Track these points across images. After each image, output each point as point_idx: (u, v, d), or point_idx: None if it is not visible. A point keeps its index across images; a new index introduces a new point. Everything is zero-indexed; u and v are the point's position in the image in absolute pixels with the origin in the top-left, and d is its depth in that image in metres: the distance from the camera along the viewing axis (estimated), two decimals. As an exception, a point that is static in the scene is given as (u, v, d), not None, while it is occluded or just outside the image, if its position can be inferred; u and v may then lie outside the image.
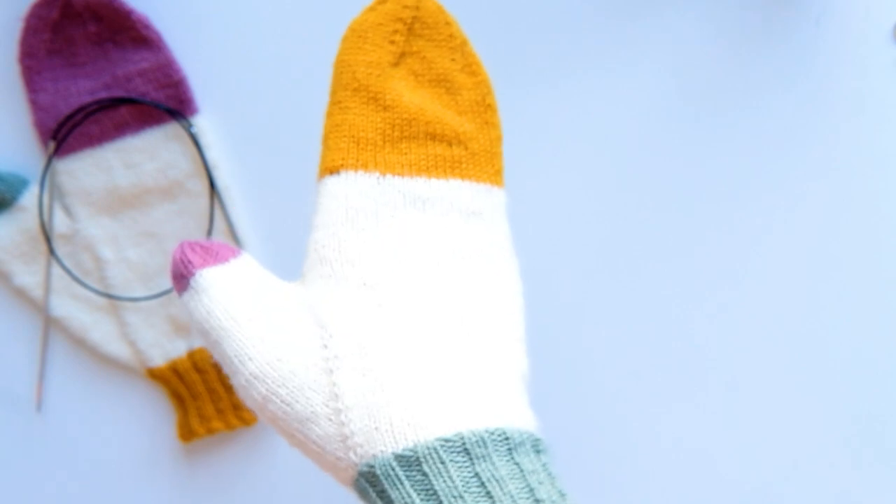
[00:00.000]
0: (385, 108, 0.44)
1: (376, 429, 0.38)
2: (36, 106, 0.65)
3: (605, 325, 0.65)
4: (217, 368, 0.67)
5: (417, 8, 0.45)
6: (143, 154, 0.66)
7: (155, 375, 0.67)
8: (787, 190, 0.63)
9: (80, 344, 0.67)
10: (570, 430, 0.59)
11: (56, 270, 0.67)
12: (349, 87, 0.44)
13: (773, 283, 0.64)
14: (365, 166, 0.43)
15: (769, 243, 0.64)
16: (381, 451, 0.38)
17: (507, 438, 0.38)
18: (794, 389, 0.64)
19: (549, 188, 0.63)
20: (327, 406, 0.39)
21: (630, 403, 0.64)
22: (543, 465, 0.38)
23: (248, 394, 0.41)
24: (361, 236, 0.42)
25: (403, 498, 0.37)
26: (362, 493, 0.39)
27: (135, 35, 0.64)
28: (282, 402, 0.40)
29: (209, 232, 0.66)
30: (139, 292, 0.67)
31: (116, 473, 0.68)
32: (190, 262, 0.43)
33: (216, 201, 0.66)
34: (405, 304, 0.41)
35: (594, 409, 0.64)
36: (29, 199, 0.66)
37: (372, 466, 0.38)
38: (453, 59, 0.45)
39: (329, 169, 0.44)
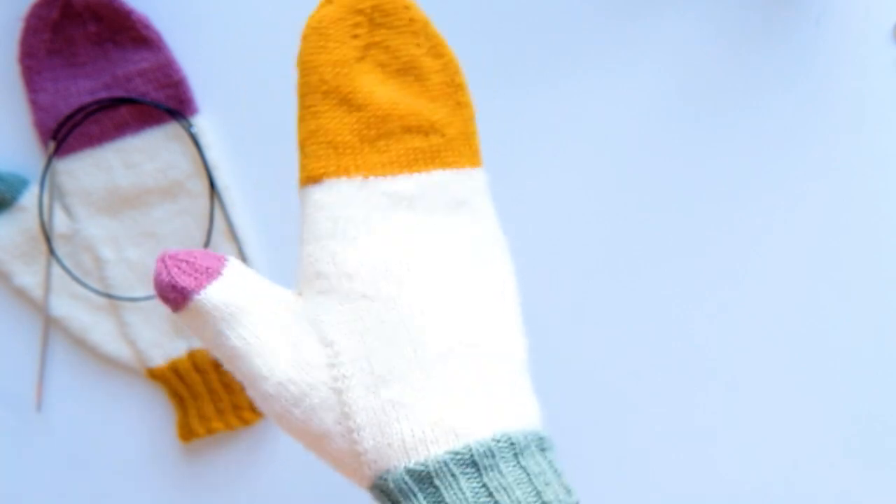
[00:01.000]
0: (358, 108, 0.43)
1: (388, 445, 0.40)
2: (36, 106, 0.65)
3: (604, 324, 0.65)
4: (217, 369, 0.67)
5: None
6: (143, 154, 0.66)
7: (155, 375, 0.67)
8: (786, 190, 0.63)
9: (80, 344, 0.67)
10: (568, 429, 0.59)
11: (56, 270, 0.67)
12: (318, 90, 0.44)
13: (773, 283, 0.64)
14: (346, 172, 0.43)
15: (769, 243, 0.64)
16: (394, 467, 0.39)
17: (512, 444, 0.39)
18: (795, 389, 0.64)
19: (548, 188, 0.63)
20: (340, 424, 0.41)
21: (629, 403, 0.65)
22: (549, 462, 0.40)
23: (265, 408, 0.42)
24: (353, 246, 0.42)
25: None
26: (378, 499, 0.41)
27: (135, 35, 0.64)
28: (296, 419, 0.41)
29: (209, 232, 0.66)
30: (139, 292, 0.67)
31: (116, 473, 0.68)
32: (182, 287, 0.42)
33: (216, 201, 0.66)
34: (407, 314, 0.41)
35: (593, 409, 0.65)
36: (29, 199, 0.66)
37: (385, 480, 0.40)
38: (417, 45, 0.45)
39: (311, 179, 0.43)
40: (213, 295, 0.42)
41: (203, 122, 0.66)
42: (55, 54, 0.65)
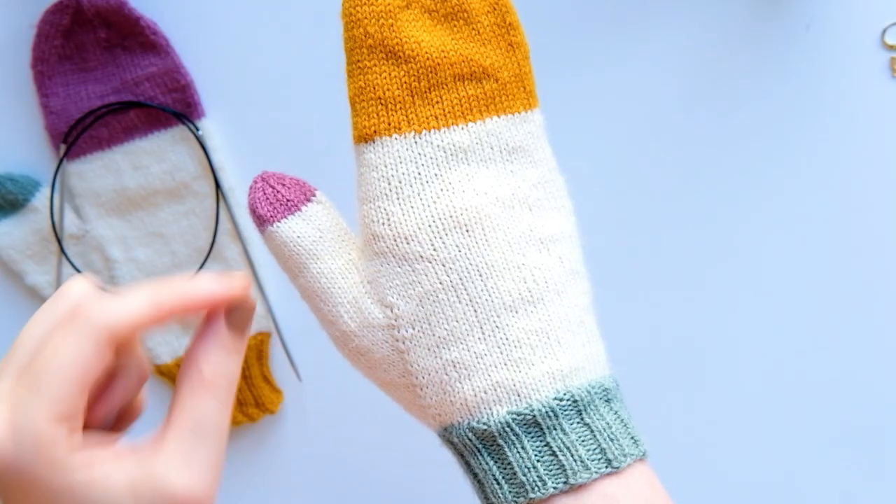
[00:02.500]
0: (406, 60, 0.41)
1: (451, 403, 0.40)
2: (47, 110, 0.66)
3: (603, 324, 0.65)
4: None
5: None
6: (151, 156, 0.66)
7: (162, 372, 0.68)
8: (776, 193, 0.63)
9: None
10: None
11: (66, 270, 0.67)
12: (364, 44, 0.41)
13: (769, 283, 0.64)
14: (398, 128, 0.41)
15: (762, 245, 0.64)
16: (458, 423, 0.39)
17: (575, 402, 0.39)
18: (796, 388, 0.64)
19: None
20: (403, 378, 0.41)
21: (630, 402, 0.64)
22: (616, 413, 0.40)
23: (337, 347, 0.42)
24: (408, 206, 0.41)
25: (481, 465, 0.39)
26: (445, 445, 0.41)
27: (143, 40, 0.65)
28: (363, 366, 0.42)
29: (214, 233, 0.67)
30: (147, 291, 0.68)
31: (125, 467, 0.69)
32: (261, 216, 0.42)
33: (222, 203, 0.67)
34: (466, 272, 0.40)
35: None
36: (40, 200, 0.67)
37: (450, 432, 0.40)
38: None
39: (363, 137, 0.42)
40: (284, 230, 0.42)
41: (209, 125, 0.66)
42: (66, 60, 0.66)
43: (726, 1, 0.62)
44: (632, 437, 0.39)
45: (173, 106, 0.66)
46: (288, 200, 0.43)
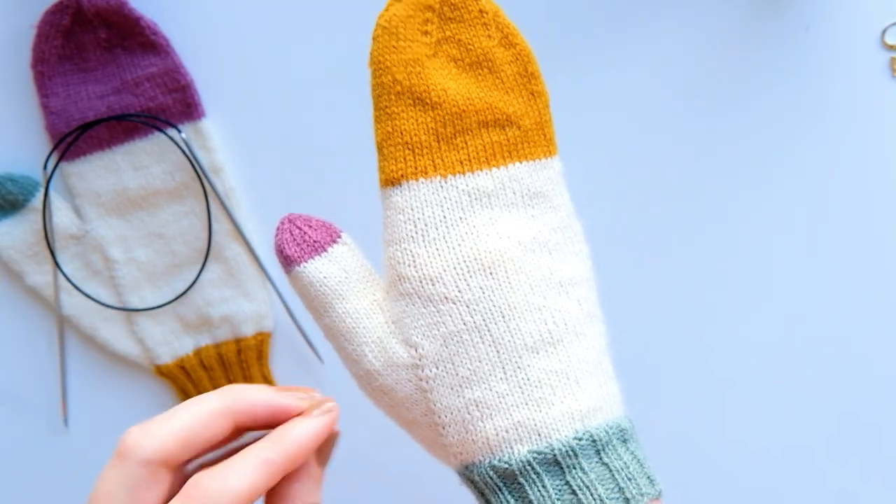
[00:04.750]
0: (433, 107, 0.43)
1: (473, 441, 0.41)
2: (48, 110, 0.66)
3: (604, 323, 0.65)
4: (224, 366, 0.68)
5: None
6: (151, 157, 0.66)
7: (163, 373, 0.68)
8: (777, 193, 0.63)
9: (90, 341, 0.68)
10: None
11: (67, 270, 0.68)
12: (392, 90, 0.43)
13: (768, 283, 0.64)
14: (425, 173, 0.42)
15: (762, 244, 0.64)
16: (479, 461, 0.40)
17: (594, 441, 0.40)
18: (796, 388, 0.65)
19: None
20: (426, 417, 0.42)
21: (631, 402, 0.64)
22: (632, 453, 0.41)
23: (360, 385, 0.43)
24: (433, 248, 0.42)
25: (502, 503, 0.40)
26: (465, 484, 0.42)
27: (143, 41, 0.65)
28: (385, 405, 0.43)
29: (209, 235, 0.67)
30: (147, 292, 0.68)
31: (125, 468, 0.69)
32: (288, 257, 0.43)
33: (220, 203, 0.67)
34: (489, 313, 0.41)
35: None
36: (40, 200, 0.67)
37: (471, 471, 0.41)
38: (489, 36, 0.44)
39: (390, 181, 0.43)
40: (311, 271, 0.43)
41: (209, 126, 0.66)
42: (66, 60, 0.66)
43: (726, 1, 0.62)
44: (648, 477, 0.40)
45: (174, 106, 0.66)
46: (315, 241, 0.44)
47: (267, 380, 0.68)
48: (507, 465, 0.39)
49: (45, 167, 0.67)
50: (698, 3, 0.62)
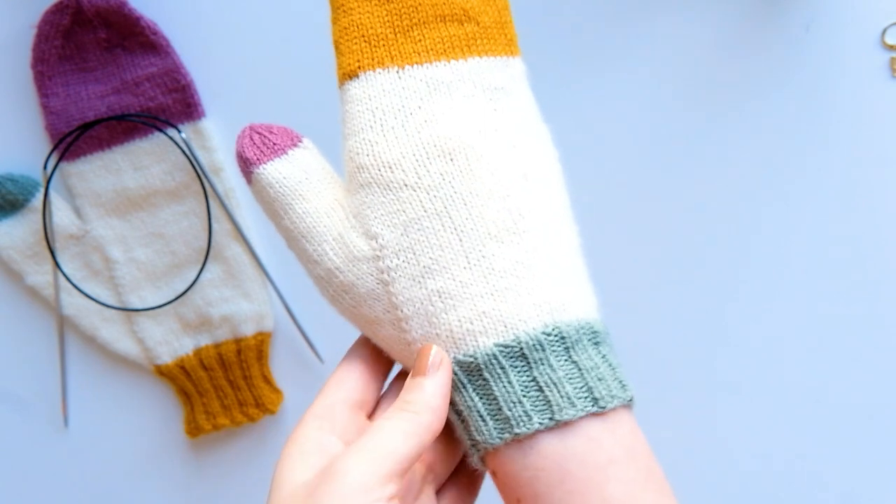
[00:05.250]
0: (388, 0, 0.42)
1: (436, 335, 0.39)
2: (48, 110, 0.66)
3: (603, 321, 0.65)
4: (223, 366, 0.68)
5: None
6: (151, 157, 0.67)
7: (163, 373, 0.68)
8: (776, 193, 0.63)
9: (90, 341, 0.68)
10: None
11: (66, 270, 0.68)
12: None
13: (766, 282, 0.64)
14: (381, 63, 0.42)
15: (761, 244, 0.64)
16: None
17: (563, 338, 0.38)
18: (796, 389, 0.65)
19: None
20: (388, 313, 0.40)
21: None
22: (603, 356, 0.39)
23: (320, 289, 0.42)
24: (392, 136, 0.41)
25: (466, 401, 0.38)
26: None
27: (143, 41, 0.65)
28: (347, 304, 0.41)
29: (209, 236, 0.67)
30: (147, 292, 0.68)
31: (124, 467, 0.69)
32: (248, 159, 0.43)
33: (220, 203, 0.67)
34: (451, 199, 0.40)
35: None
36: (41, 200, 0.67)
37: None
38: None
39: (347, 74, 0.42)
40: (271, 171, 0.42)
41: (209, 126, 0.67)
42: (66, 60, 0.66)
43: (726, 1, 0.62)
44: (619, 381, 0.39)
45: (173, 106, 0.66)
46: (275, 144, 0.43)
47: (267, 380, 0.68)
48: (472, 359, 0.38)
49: (45, 167, 0.67)
50: (698, 4, 0.62)
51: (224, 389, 0.68)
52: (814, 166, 0.63)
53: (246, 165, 0.43)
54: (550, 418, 0.37)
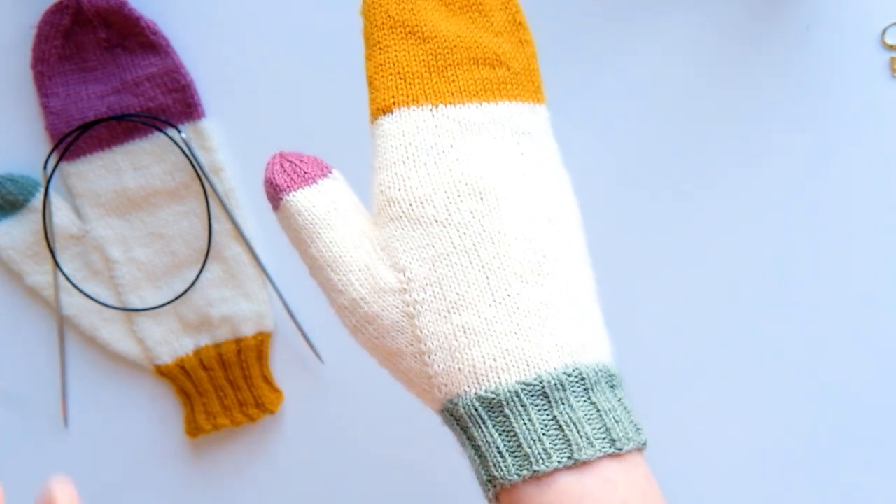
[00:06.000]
0: (425, 40, 0.43)
1: (459, 370, 0.40)
2: (48, 110, 0.66)
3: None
4: (223, 366, 0.68)
5: None
6: (151, 157, 0.67)
7: (163, 373, 0.68)
8: (776, 193, 0.63)
9: (90, 341, 0.68)
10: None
11: (66, 270, 0.68)
12: (384, 26, 0.43)
13: (765, 282, 0.64)
14: (416, 101, 0.43)
15: (759, 244, 0.64)
16: (465, 392, 0.39)
17: (582, 378, 0.39)
18: (796, 388, 0.65)
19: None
20: (412, 346, 0.41)
21: (632, 400, 0.64)
22: (619, 400, 0.40)
23: (342, 319, 0.43)
24: (424, 171, 0.42)
25: (485, 437, 0.39)
26: (447, 422, 0.41)
27: (143, 41, 0.65)
28: (370, 336, 0.42)
29: (209, 236, 0.67)
30: (147, 292, 0.68)
31: (124, 467, 0.69)
32: (278, 185, 0.43)
33: (220, 203, 0.67)
34: (479, 237, 0.41)
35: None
36: (41, 200, 0.67)
37: (455, 404, 0.40)
38: None
39: (381, 109, 0.43)
40: (300, 199, 0.43)
41: (209, 126, 0.67)
42: (66, 60, 0.66)
43: (726, 1, 0.62)
44: (634, 425, 0.40)
45: (174, 106, 0.66)
46: (305, 173, 0.44)
47: (267, 380, 0.68)
48: (493, 396, 0.39)
49: (45, 167, 0.67)
50: (698, 4, 0.62)
51: (224, 389, 0.68)
52: (813, 166, 0.63)
53: (275, 192, 0.44)
54: (569, 457, 0.37)
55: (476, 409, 0.39)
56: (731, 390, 0.65)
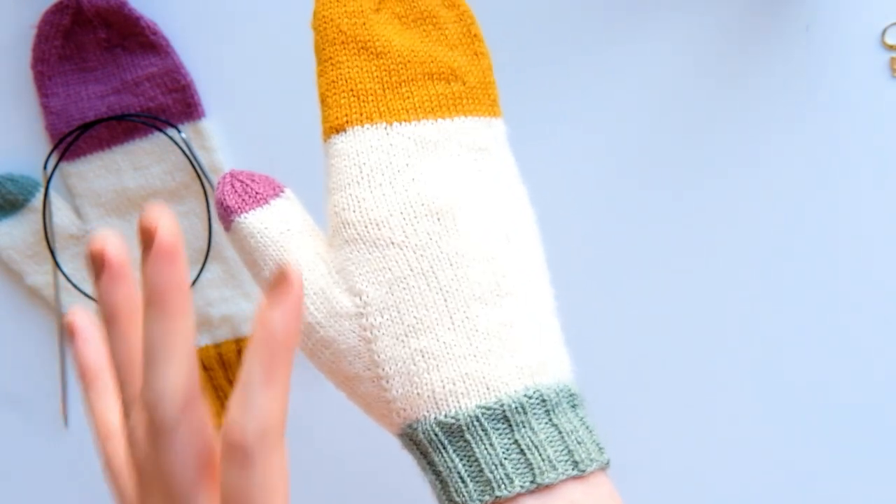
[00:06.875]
0: (377, 55, 0.42)
1: (418, 395, 0.39)
2: (48, 110, 0.66)
3: (603, 318, 0.65)
4: (223, 366, 0.68)
5: None
6: (151, 157, 0.67)
7: (162, 372, 0.68)
8: (775, 193, 0.63)
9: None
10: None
11: (65, 270, 0.68)
12: (336, 41, 0.42)
13: (763, 282, 0.64)
14: (370, 119, 0.42)
15: (758, 244, 0.64)
16: (424, 417, 0.39)
17: (543, 400, 0.38)
18: (794, 388, 0.65)
19: (540, 187, 0.64)
20: (369, 370, 0.40)
21: (629, 400, 0.64)
22: (581, 419, 0.39)
23: (299, 343, 0.42)
24: (379, 192, 0.41)
25: (446, 463, 0.38)
26: (406, 447, 0.40)
27: (143, 41, 0.65)
28: (326, 360, 0.41)
29: (209, 237, 0.67)
30: (147, 291, 0.68)
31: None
32: (228, 207, 0.43)
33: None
34: (437, 259, 0.40)
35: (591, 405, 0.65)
36: (41, 200, 0.67)
37: (415, 429, 0.39)
38: None
39: (334, 128, 0.42)
40: (252, 221, 0.42)
41: (209, 126, 0.67)
42: (66, 60, 0.66)
43: (726, 1, 0.62)
44: (597, 444, 0.39)
45: (174, 106, 0.66)
46: (256, 193, 0.43)
47: (267, 380, 0.68)
48: (453, 421, 0.38)
49: (45, 167, 0.67)
50: (697, 4, 0.62)
51: (224, 389, 0.68)
52: (813, 166, 0.63)
53: (226, 213, 0.43)
54: (532, 481, 0.37)
55: (436, 435, 0.38)
56: (731, 391, 0.65)
